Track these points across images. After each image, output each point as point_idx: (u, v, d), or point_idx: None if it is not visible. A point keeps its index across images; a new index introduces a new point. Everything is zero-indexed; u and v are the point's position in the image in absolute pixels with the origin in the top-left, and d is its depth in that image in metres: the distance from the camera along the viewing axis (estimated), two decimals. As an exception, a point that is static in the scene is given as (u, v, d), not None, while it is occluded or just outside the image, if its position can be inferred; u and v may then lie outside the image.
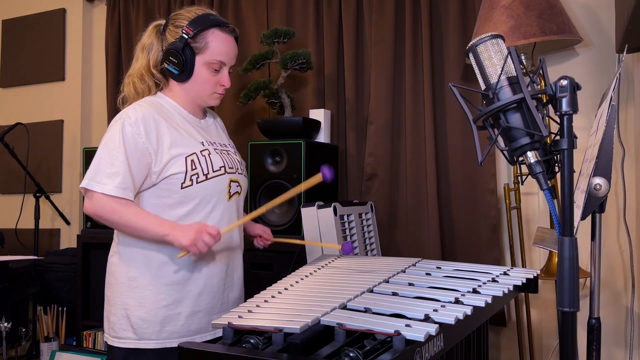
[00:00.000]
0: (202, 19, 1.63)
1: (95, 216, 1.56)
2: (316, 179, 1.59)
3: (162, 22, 1.69)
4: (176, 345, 1.56)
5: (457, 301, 1.24)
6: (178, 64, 1.61)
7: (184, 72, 1.62)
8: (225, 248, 1.68)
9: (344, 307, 1.20)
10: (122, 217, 1.52)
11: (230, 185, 1.67)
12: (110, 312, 1.63)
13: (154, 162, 1.56)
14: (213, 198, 1.63)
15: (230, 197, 1.68)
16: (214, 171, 1.63)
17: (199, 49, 1.62)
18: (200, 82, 1.65)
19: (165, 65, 1.64)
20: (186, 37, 1.60)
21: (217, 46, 1.63)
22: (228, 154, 1.72)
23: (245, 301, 1.33)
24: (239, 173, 1.72)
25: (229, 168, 1.68)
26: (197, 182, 1.59)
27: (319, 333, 1.08)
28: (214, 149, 1.67)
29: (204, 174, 1.60)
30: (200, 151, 1.62)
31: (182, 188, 1.58)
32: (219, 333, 1.62)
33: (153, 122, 1.57)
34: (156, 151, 1.56)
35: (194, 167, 1.59)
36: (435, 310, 1.15)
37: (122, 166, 1.51)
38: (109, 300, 1.65)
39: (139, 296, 1.58)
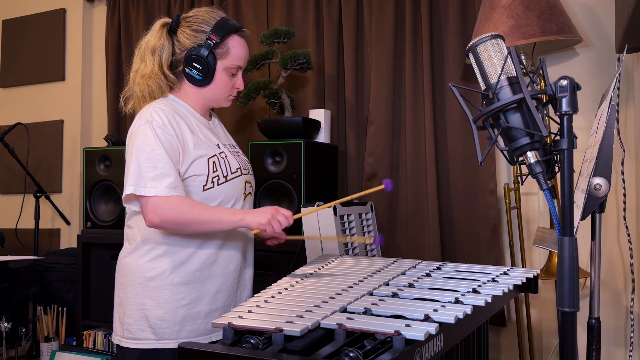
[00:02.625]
0: (223, 25, 1.63)
1: (163, 224, 1.51)
2: (378, 187, 1.64)
3: (169, 20, 1.67)
4: None
5: (457, 301, 1.24)
6: (202, 70, 1.61)
7: (206, 78, 1.63)
8: (240, 246, 1.70)
9: (343, 310, 1.20)
10: (194, 215, 1.51)
11: (245, 186, 1.70)
12: (124, 313, 1.62)
13: (181, 162, 1.56)
14: (232, 199, 1.65)
15: (245, 197, 1.71)
16: (232, 173, 1.65)
17: (220, 54, 1.63)
18: (219, 86, 1.66)
19: (187, 70, 1.63)
20: (212, 43, 1.60)
21: (237, 51, 1.65)
22: (239, 155, 1.75)
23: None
24: (250, 174, 1.76)
25: (244, 169, 1.71)
26: (218, 184, 1.61)
27: (319, 334, 1.08)
28: (228, 150, 1.70)
29: (224, 176, 1.62)
30: (219, 153, 1.64)
31: (203, 190, 1.59)
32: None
33: (176, 123, 1.58)
34: (184, 152, 1.57)
35: (215, 169, 1.60)
36: (435, 310, 1.15)
37: (166, 167, 1.51)
38: (122, 302, 1.63)
39: (157, 296, 1.57)
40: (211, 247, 1.62)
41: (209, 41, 1.60)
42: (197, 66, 1.61)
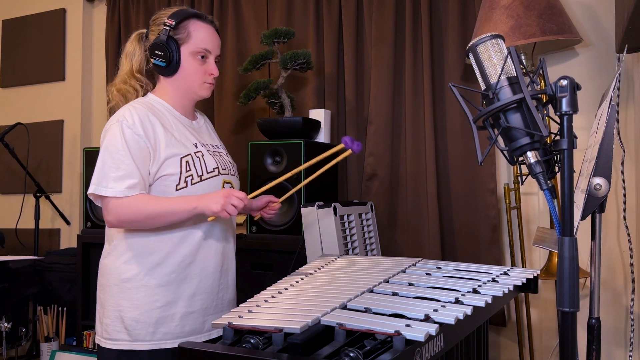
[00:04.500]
0: (181, 11, 1.67)
1: (120, 224, 1.56)
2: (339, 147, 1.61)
3: (144, 30, 1.73)
4: (170, 347, 1.57)
5: (457, 301, 1.24)
6: (164, 55, 1.63)
7: (171, 64, 1.64)
8: (218, 248, 1.69)
9: (344, 307, 1.20)
10: (147, 211, 1.52)
11: (223, 187, 1.68)
12: (103, 314, 1.62)
13: (152, 161, 1.56)
14: None
15: None
16: (208, 172, 1.63)
17: (182, 39, 1.64)
18: (190, 72, 1.67)
19: (152, 61, 1.65)
20: (168, 28, 1.63)
21: (200, 34, 1.66)
22: (220, 155, 1.74)
23: (244, 301, 1.33)
24: (231, 174, 1.74)
25: (222, 169, 1.69)
26: (191, 184, 1.60)
27: (319, 333, 1.08)
28: (207, 150, 1.68)
29: (198, 176, 1.61)
30: (194, 152, 1.63)
31: (176, 190, 1.58)
32: (214, 334, 1.62)
33: (149, 123, 1.58)
34: (155, 151, 1.57)
35: (188, 169, 1.59)
36: (435, 310, 1.15)
37: (129, 168, 1.52)
38: (101, 302, 1.64)
39: (133, 297, 1.58)
40: (188, 248, 1.61)
41: (165, 27, 1.63)
42: (159, 53, 1.64)
